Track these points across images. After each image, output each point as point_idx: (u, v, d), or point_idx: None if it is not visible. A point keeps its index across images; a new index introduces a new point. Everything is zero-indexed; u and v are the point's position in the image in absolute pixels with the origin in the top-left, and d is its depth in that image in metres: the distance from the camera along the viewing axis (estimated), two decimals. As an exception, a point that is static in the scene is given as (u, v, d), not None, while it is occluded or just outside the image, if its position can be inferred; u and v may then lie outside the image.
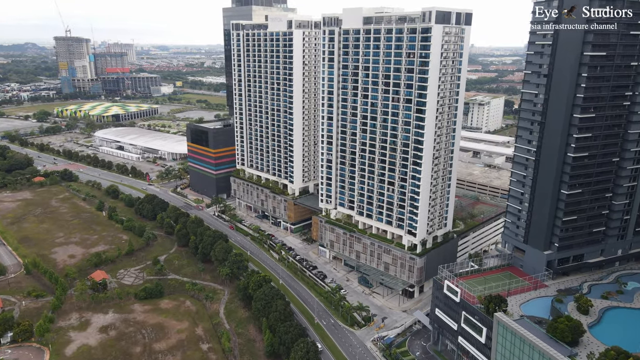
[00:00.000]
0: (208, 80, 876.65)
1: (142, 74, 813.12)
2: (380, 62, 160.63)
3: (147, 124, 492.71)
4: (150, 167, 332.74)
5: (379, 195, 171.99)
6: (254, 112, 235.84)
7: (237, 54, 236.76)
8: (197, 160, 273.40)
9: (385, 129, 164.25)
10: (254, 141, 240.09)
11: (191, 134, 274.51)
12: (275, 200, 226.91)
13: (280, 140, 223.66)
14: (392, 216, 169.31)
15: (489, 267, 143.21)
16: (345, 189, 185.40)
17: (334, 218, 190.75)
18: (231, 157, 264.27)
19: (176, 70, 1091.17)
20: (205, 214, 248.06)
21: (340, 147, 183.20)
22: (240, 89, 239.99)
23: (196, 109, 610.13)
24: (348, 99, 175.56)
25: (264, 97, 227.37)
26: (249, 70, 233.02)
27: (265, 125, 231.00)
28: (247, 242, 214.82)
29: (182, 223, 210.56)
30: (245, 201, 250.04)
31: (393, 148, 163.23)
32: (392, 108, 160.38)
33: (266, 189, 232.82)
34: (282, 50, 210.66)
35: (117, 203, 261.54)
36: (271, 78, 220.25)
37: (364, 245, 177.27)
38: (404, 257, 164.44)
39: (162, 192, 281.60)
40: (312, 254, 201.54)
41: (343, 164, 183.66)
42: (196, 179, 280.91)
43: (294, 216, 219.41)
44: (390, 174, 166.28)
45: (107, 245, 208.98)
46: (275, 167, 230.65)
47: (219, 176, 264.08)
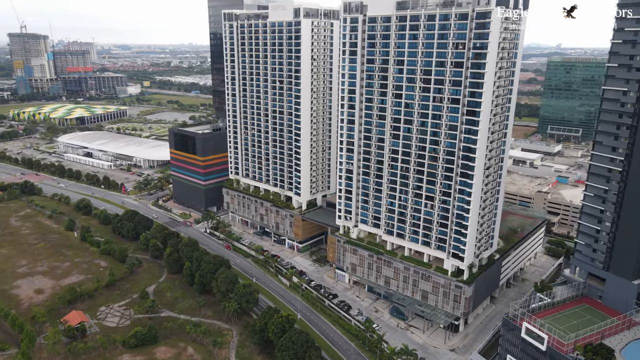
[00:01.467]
0: (177, 80, 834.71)
1: (106, 74, 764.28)
2: (418, 55, 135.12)
3: (116, 127, 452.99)
4: (125, 177, 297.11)
5: (413, 212, 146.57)
6: (250, 115, 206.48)
7: (229, 48, 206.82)
8: (182, 169, 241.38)
9: (423, 134, 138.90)
10: (250, 148, 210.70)
11: (175, 140, 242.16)
12: (278, 215, 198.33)
13: (283, 146, 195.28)
14: (430, 236, 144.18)
15: (561, 300, 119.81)
16: (368, 204, 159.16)
17: (355, 237, 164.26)
18: (222, 165, 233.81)
19: (142, 69, 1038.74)
20: (195, 231, 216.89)
21: (363, 156, 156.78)
22: (234, 89, 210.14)
23: (168, 110, 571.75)
24: (374, 99, 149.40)
25: (263, 98, 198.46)
26: (244, 66, 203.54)
27: (264, 130, 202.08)
28: (248, 265, 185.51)
29: (172, 246, 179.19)
30: (241, 215, 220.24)
31: (433, 157, 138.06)
32: (433, 109, 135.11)
33: (267, 202, 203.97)
34: (287, 43, 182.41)
35: (91, 220, 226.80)
36: (272, 75, 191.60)
37: (395, 270, 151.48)
38: (448, 285, 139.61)
39: (142, 206, 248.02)
40: (327, 279, 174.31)
41: (367, 175, 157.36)
42: (181, 190, 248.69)
43: (301, 233, 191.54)
44: (429, 187, 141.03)
45: (82, 274, 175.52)
46: (277, 177, 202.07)
47: (208, 187, 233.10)
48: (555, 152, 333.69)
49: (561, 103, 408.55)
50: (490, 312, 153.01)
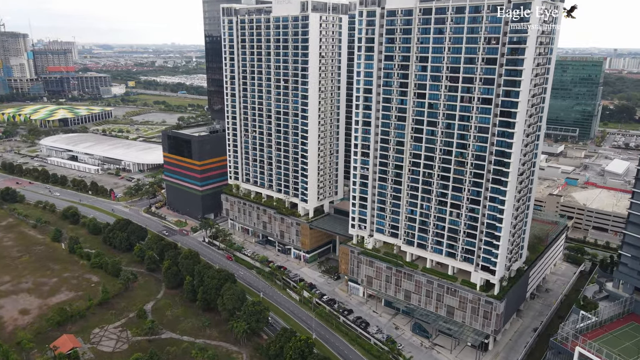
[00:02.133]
0: (163, 80, 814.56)
1: (89, 74, 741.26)
2: (444, 51, 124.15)
3: (102, 129, 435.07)
4: (114, 182, 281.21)
5: (437, 221, 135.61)
6: (251, 116, 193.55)
7: (228, 45, 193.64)
8: (177, 174, 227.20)
9: (449, 137, 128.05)
10: (251, 151, 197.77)
11: (169, 143, 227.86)
12: (283, 223, 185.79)
13: (288, 149, 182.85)
14: (456, 247, 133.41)
15: (608, 318, 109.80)
16: (385, 212, 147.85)
17: (370, 248, 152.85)
18: (220, 169, 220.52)
19: (125, 69, 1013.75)
20: (192, 241, 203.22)
21: (380, 160, 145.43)
22: (234, 89, 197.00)
23: (154, 111, 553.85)
24: (393, 99, 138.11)
25: (266, 98, 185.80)
26: (244, 65, 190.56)
27: (267, 132, 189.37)
28: (253, 278, 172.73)
29: (170, 258, 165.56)
30: (242, 223, 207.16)
31: (461, 162, 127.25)
32: (461, 110, 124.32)
33: (270, 209, 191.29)
34: (293, 40, 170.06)
35: (79, 230, 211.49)
36: (277, 74, 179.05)
37: (416, 283, 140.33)
38: (477, 300, 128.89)
39: (133, 213, 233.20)
40: (339, 292, 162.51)
41: (384, 181, 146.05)
42: (175, 196, 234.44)
43: (309, 243, 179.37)
44: (455, 195, 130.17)
45: (72, 291, 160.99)
46: (280, 183, 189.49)
47: (205, 193, 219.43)
48: (559, 153, 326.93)
49: (557, 103, 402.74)
50: (518, 327, 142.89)
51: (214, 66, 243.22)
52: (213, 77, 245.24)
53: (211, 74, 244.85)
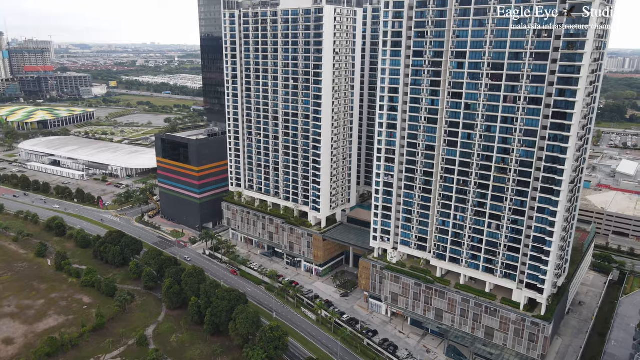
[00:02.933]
0: (145, 80, 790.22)
1: (68, 74, 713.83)
2: (485, 45, 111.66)
3: (84, 131, 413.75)
4: (102, 189, 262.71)
5: (473, 233, 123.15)
6: (255, 118, 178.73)
7: (230, 41, 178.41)
8: (173, 180, 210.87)
9: (489, 142, 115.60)
10: (255, 156, 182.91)
11: (163, 147, 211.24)
12: (293, 234, 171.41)
13: (297, 154, 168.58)
14: (494, 262, 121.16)
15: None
16: (412, 223, 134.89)
17: (394, 261, 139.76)
18: (219, 175, 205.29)
19: (105, 69, 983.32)
20: (192, 253, 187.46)
21: (406, 167, 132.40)
22: (235, 89, 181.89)
23: (139, 112, 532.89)
24: (422, 100, 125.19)
25: (272, 99, 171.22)
26: (247, 62, 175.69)
27: (273, 135, 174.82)
28: (261, 295, 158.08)
29: (171, 276, 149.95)
30: (245, 234, 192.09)
31: (502, 168, 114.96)
32: (504, 111, 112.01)
33: (277, 219, 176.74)
34: (304, 35, 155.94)
35: (66, 243, 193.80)
36: (285, 73, 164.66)
37: (450, 301, 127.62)
38: (521, 321, 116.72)
39: (124, 223, 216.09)
40: (359, 310, 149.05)
41: (411, 189, 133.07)
42: (170, 204, 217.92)
43: (322, 255, 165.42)
44: (494, 204, 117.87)
45: (62, 315, 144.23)
46: (288, 190, 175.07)
47: (204, 201, 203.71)
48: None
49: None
50: (558, 346, 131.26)
51: (210, 66, 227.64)
52: (210, 77, 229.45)
53: (207, 74, 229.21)
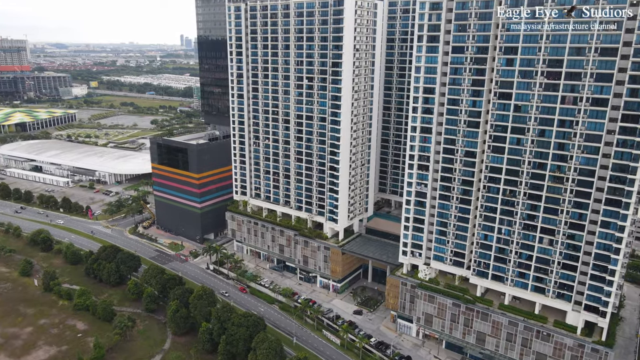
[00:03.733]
0: (127, 80, 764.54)
1: (46, 73, 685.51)
2: (540, 39, 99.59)
3: (66, 134, 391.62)
4: (89, 196, 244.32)
5: (521, 249, 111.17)
6: (263, 121, 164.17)
7: (235, 37, 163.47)
8: (170, 188, 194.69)
9: (542, 147, 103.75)
10: (262, 162, 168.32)
11: (159, 153, 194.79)
12: (307, 247, 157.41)
13: (311, 160, 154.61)
14: (546, 281, 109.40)
15: None
16: (447, 237, 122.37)
17: (426, 278, 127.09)
18: (220, 182, 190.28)
19: (85, 69, 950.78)
20: (194, 268, 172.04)
21: (442, 175, 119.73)
22: (240, 89, 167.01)
23: (123, 113, 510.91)
24: (462, 101, 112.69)
25: (283, 100, 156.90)
26: (254, 61, 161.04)
27: (283, 140, 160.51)
28: (275, 316, 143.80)
29: (177, 297, 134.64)
30: (252, 246, 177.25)
31: (557, 177, 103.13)
32: (562, 114, 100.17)
33: (289, 231, 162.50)
34: (321, 30, 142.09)
35: (53, 259, 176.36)
36: (298, 72, 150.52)
37: (494, 324, 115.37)
38: (578, 347, 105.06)
39: (117, 235, 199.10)
40: (386, 331, 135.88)
41: (446, 199, 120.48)
42: (167, 214, 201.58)
43: (341, 270, 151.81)
44: (547, 217, 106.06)
45: (54, 346, 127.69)
46: (301, 199, 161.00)
47: (204, 210, 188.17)
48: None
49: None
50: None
51: (208, 65, 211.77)
52: (208, 77, 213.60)
53: (205, 73, 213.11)
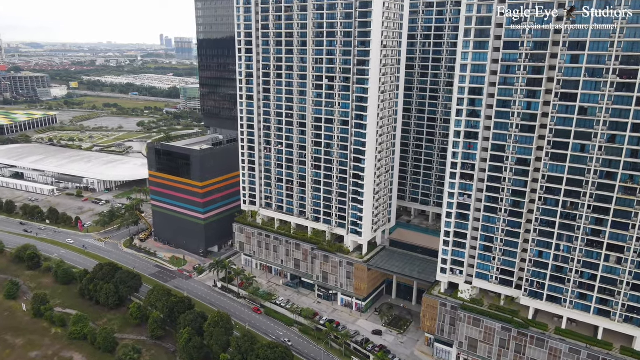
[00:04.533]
0: (109, 81, 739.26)
1: (23, 73, 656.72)
2: (614, 33, 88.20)
3: (47, 137, 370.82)
4: (78, 206, 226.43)
5: (583, 267, 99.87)
6: (275, 124, 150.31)
7: (245, 33, 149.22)
8: (169, 197, 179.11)
9: (612, 155, 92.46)
10: (274, 169, 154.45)
11: (157, 159, 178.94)
12: (328, 262, 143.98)
13: (331, 167, 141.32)
14: (611, 303, 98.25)
15: None
16: (493, 253, 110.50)
17: (468, 298, 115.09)
18: (226, 190, 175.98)
19: (63, 69, 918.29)
20: (199, 285, 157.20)
21: (488, 185, 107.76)
22: (250, 89, 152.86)
23: (106, 115, 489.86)
24: (514, 102, 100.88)
25: (298, 101, 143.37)
26: (266, 59, 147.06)
27: (298, 145, 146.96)
28: (296, 339, 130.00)
29: (188, 324, 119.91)
30: (263, 260, 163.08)
31: (630, 188, 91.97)
32: (637, 117, 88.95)
33: (306, 244, 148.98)
34: (344, 24, 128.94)
35: (42, 279, 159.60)
36: (317, 70, 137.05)
37: (552, 351, 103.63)
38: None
39: (111, 249, 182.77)
40: (421, 356, 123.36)
41: (493, 212, 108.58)
42: (166, 225, 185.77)
43: (366, 288, 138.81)
44: (616, 233, 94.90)
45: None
46: (319, 210, 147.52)
47: (208, 221, 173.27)
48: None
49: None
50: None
51: (208, 64, 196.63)
52: (208, 76, 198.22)
53: (205, 73, 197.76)
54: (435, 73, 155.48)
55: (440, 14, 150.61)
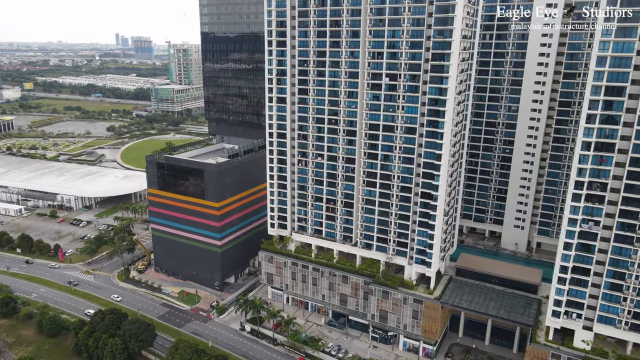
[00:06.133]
0: (67, 82, 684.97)
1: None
2: None
3: (4, 145, 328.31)
4: (55, 230, 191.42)
5: None
6: (314, 132, 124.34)
7: (276, 23, 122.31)
8: (175, 220, 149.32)
9: None
10: (312, 186, 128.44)
11: (159, 175, 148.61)
12: (387, 298, 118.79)
13: (390, 184, 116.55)
14: None
15: None
16: (625, 293, 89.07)
17: (588, 348, 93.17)
18: (243, 211, 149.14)
19: (14, 69, 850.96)
20: (222, 330, 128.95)
21: (622, 208, 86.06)
22: (282, 90, 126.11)
23: (70, 119, 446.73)
24: (666, 105, 79.22)
25: (347, 104, 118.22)
26: (304, 53, 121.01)
27: (345, 157, 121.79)
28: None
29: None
30: (298, 295, 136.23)
31: None
32: None
33: (356, 276, 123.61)
34: (412, 10, 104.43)
35: (22, 329, 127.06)
36: (374, 67, 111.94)
37: None
38: None
39: (104, 284, 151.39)
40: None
41: (628, 242, 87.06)
42: (170, 253, 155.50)
43: (439, 330, 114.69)
44: None
45: None
46: (371, 235, 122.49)
47: (226, 248, 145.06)
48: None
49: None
50: None
51: (216, 65, 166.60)
52: (214, 78, 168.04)
53: (212, 75, 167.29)
54: (497, 70, 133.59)
55: (506, 1, 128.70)
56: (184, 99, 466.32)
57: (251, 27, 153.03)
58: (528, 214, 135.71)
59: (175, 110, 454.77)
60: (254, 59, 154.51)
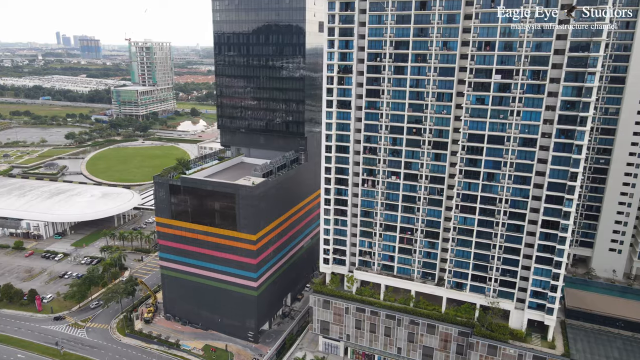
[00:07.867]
0: (9, 83, 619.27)
1: None
2: None
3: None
4: (23, 266, 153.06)
5: None
6: (387, 145, 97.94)
7: (340, 6, 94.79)
8: (194, 257, 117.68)
9: None
10: (382, 211, 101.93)
11: (174, 200, 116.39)
12: (493, 355, 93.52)
13: (494, 210, 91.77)
14: None
15: None
16: None
17: None
18: (278, 241, 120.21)
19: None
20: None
21: None
22: (345, 92, 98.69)
23: (18, 125, 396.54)
24: None
25: (435, 109, 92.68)
26: (376, 45, 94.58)
27: (428, 175, 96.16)
28: None
29: None
30: (365, 348, 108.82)
31: None
32: None
33: (448, 326, 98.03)
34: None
35: None
36: (479, 60, 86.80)
37: None
38: None
39: (101, 341, 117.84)
40: None
41: None
42: (186, 296, 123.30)
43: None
44: None
45: None
46: (464, 272, 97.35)
47: (262, 289, 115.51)
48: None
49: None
50: None
51: (231, 67, 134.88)
52: (227, 83, 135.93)
53: (224, 79, 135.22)
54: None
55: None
56: (149, 101, 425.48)
57: (280, 15, 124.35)
58: (627, 236, 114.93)
59: (139, 114, 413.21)
60: (282, 54, 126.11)
